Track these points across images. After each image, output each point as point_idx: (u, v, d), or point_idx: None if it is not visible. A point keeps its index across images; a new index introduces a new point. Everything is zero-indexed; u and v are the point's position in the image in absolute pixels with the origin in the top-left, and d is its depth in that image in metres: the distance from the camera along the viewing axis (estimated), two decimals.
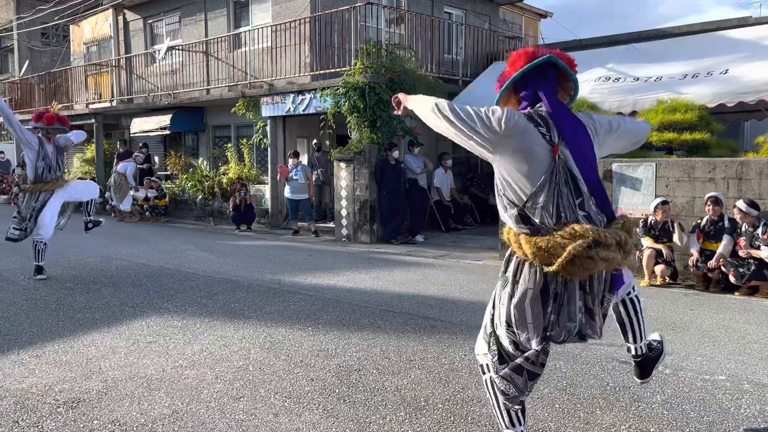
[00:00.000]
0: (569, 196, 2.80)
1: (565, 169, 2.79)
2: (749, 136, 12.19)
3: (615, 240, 2.75)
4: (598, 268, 2.76)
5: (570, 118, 2.88)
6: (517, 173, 2.86)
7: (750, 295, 6.94)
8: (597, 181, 2.85)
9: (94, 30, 20.07)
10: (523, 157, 2.83)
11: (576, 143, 2.84)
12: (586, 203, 2.82)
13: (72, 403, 3.83)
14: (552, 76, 2.95)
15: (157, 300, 6.61)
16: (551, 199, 2.79)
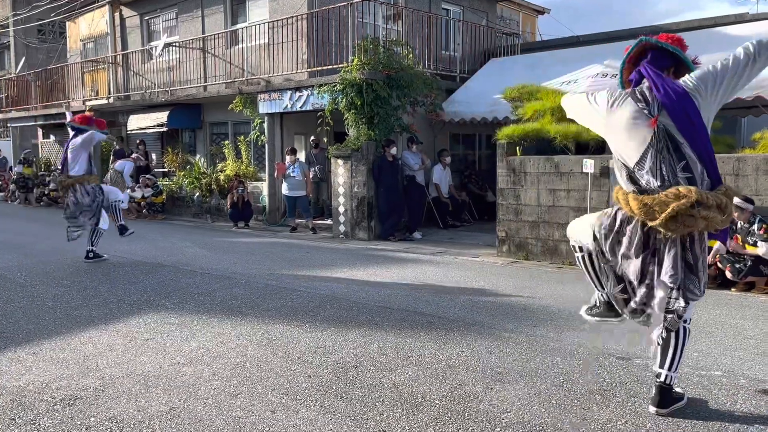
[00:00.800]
0: (671, 161, 3.19)
1: (666, 137, 3.19)
2: (746, 132, 12.21)
3: (716, 202, 3.08)
4: (698, 227, 3.11)
5: (672, 89, 3.18)
6: (623, 143, 3.32)
7: (746, 291, 6.95)
8: (703, 146, 3.17)
9: (90, 27, 20.01)
10: (626, 129, 3.29)
11: (678, 112, 3.15)
12: (691, 167, 3.18)
13: (69, 400, 3.83)
14: (654, 55, 3.34)
15: (155, 297, 6.61)
16: (655, 164, 3.21)
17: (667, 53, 3.34)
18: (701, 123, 3.19)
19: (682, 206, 3.05)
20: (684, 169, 3.18)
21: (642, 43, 3.39)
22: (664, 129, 3.19)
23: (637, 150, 3.27)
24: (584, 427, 3.43)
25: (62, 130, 21.48)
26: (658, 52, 3.35)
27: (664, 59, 3.34)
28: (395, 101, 11.38)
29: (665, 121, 3.19)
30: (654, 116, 3.21)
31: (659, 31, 12.46)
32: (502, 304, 6.35)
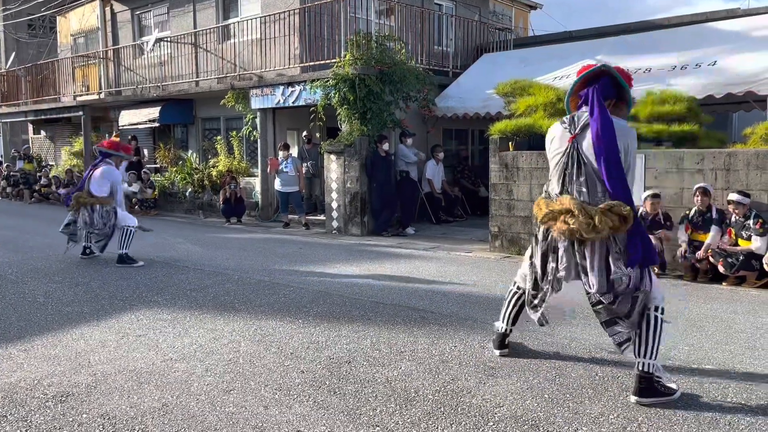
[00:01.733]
0: (572, 174, 3.68)
1: (577, 154, 3.66)
2: (737, 127, 12.28)
3: (586, 213, 3.54)
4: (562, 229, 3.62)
5: (602, 117, 3.59)
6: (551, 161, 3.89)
7: (737, 285, 6.99)
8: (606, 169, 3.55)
9: (81, 21, 19.86)
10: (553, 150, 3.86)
11: (596, 137, 3.57)
12: (588, 183, 3.65)
13: (61, 397, 3.82)
14: (605, 82, 3.73)
15: (147, 293, 6.59)
16: (561, 174, 3.75)
17: (615, 84, 3.75)
18: (614, 152, 3.56)
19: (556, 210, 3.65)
20: (582, 184, 3.66)
21: (600, 69, 3.77)
22: (576, 146, 3.68)
23: (554, 156, 3.84)
24: (576, 421, 3.45)
25: (53, 126, 21.39)
26: (609, 80, 3.74)
27: (611, 89, 3.75)
28: (388, 96, 11.36)
29: (580, 141, 3.67)
30: (573, 134, 3.71)
31: (650, 26, 12.52)
32: (494, 299, 6.35)
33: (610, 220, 3.52)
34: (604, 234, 3.53)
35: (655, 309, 3.72)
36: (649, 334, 3.69)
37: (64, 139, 20.97)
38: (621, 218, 3.53)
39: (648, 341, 3.68)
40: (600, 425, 3.39)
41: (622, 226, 3.54)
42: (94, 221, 8.27)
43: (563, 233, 3.64)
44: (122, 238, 8.27)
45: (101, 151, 8.67)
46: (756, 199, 7.15)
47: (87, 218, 8.28)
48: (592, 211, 3.55)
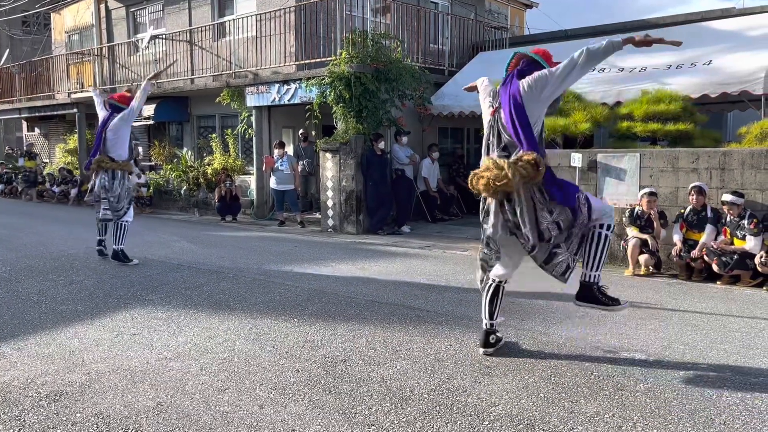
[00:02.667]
0: (494, 142, 4.21)
1: (497, 124, 4.20)
2: (732, 126, 12.31)
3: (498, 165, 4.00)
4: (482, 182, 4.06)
5: (511, 91, 4.12)
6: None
7: (732, 284, 7.01)
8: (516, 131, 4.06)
9: (75, 18, 19.78)
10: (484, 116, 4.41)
11: (506, 107, 4.11)
12: (509, 148, 4.12)
13: (54, 396, 3.80)
14: (526, 63, 4.28)
15: (141, 291, 6.57)
16: (487, 144, 4.27)
17: (535, 62, 4.24)
18: (523, 115, 4.05)
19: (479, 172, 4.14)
20: (503, 149, 4.13)
21: (518, 54, 4.33)
22: (497, 118, 4.20)
23: (484, 140, 4.32)
24: (572, 420, 3.45)
25: (47, 123, 21.29)
26: (528, 60, 4.27)
27: (532, 67, 4.22)
28: (384, 95, 11.35)
29: (499, 112, 4.20)
30: (493, 107, 4.26)
31: (645, 25, 12.53)
32: None
33: (522, 168, 3.95)
34: (517, 180, 3.94)
35: (600, 227, 4.16)
36: (593, 248, 4.18)
37: (59, 137, 20.89)
38: (532, 165, 3.95)
39: (591, 255, 4.19)
40: (595, 424, 3.39)
41: (535, 173, 3.97)
42: (113, 187, 8.04)
43: (484, 188, 4.06)
44: (117, 233, 8.14)
45: (111, 104, 8.28)
46: (751, 199, 7.17)
47: (106, 183, 8.03)
48: (503, 162, 4.00)
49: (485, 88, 4.55)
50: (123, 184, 8.17)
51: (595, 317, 5.34)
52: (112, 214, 8.15)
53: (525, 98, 4.08)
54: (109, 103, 8.34)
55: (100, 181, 8.10)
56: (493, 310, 4.51)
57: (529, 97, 4.08)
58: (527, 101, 4.08)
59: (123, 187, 8.16)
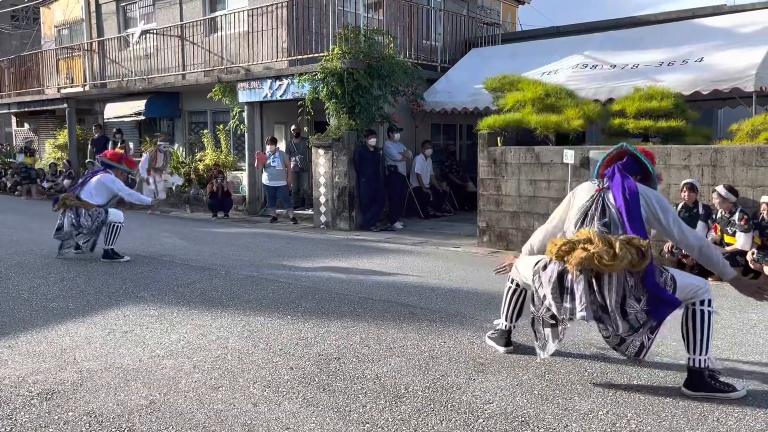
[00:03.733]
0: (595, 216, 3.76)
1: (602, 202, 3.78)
2: (723, 123, 12.37)
3: (606, 241, 3.54)
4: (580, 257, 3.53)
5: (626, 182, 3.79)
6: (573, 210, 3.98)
7: (722, 280, 7.03)
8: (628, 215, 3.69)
9: (65, 12, 19.60)
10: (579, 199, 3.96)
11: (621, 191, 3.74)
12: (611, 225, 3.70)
13: (46, 394, 3.76)
14: (629, 161, 3.96)
15: (133, 289, 6.53)
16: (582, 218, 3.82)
17: (638, 162, 3.96)
18: (637, 207, 3.71)
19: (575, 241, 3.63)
20: (604, 225, 3.72)
21: (621, 149, 4.02)
22: (603, 195, 3.81)
23: (577, 207, 3.92)
24: (566, 417, 3.45)
25: (36, 119, 21.11)
26: (632, 158, 3.96)
27: (635, 166, 3.95)
28: (376, 91, 11.33)
29: (607, 192, 3.81)
30: (599, 186, 3.85)
31: (638, 22, 12.56)
32: (483, 294, 6.37)
33: (629, 253, 3.49)
34: (624, 264, 3.48)
35: (701, 303, 3.72)
36: (694, 328, 3.70)
37: (48, 132, 20.72)
38: (639, 252, 3.51)
39: (693, 336, 3.71)
40: (589, 421, 3.39)
41: (641, 261, 3.52)
42: (81, 223, 7.99)
43: (582, 261, 3.53)
44: (109, 234, 8.10)
45: (103, 162, 8.44)
46: (742, 195, 7.21)
47: (73, 220, 7.98)
48: (612, 239, 3.55)
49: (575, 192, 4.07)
50: (90, 218, 8.03)
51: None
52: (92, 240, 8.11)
53: (640, 197, 3.75)
54: (101, 161, 8.51)
55: (68, 220, 8.04)
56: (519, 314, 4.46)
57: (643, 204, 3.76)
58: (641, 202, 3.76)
59: (92, 219, 8.04)
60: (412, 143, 12.78)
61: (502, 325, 4.55)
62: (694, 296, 3.71)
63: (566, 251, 3.62)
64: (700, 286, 3.75)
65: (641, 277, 3.59)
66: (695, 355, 3.71)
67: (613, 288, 3.57)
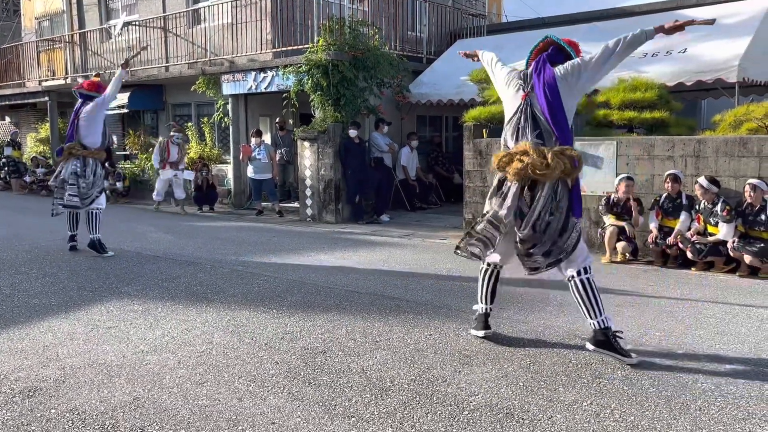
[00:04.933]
0: (527, 127, 4.05)
1: (529, 108, 4.06)
2: (706, 114, 12.45)
3: (540, 152, 3.90)
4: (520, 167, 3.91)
5: (546, 76, 4.04)
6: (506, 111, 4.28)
7: (706, 270, 7.11)
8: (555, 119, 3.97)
9: (46, 4, 19.31)
10: (509, 99, 4.24)
11: (542, 92, 4.01)
12: (544, 135, 4.00)
13: (28, 391, 3.72)
14: (554, 50, 4.25)
15: (117, 284, 6.47)
16: (515, 128, 4.12)
17: (563, 50, 4.23)
18: (559, 102, 3.99)
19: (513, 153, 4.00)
20: (537, 136, 4.01)
21: (547, 39, 4.30)
22: (529, 102, 4.05)
23: (509, 115, 4.20)
24: (551, 408, 3.47)
25: (17, 112, 20.83)
26: (556, 48, 4.25)
27: (559, 55, 4.21)
28: (362, 82, 11.28)
29: (533, 97, 4.06)
30: (525, 91, 4.10)
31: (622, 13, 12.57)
32: (469, 286, 6.36)
33: (563, 162, 3.87)
34: (556, 173, 3.88)
35: (578, 274, 4.11)
36: (580, 297, 4.12)
37: (30, 126, 20.45)
38: (572, 161, 3.90)
39: (583, 303, 4.12)
40: (574, 412, 3.41)
41: (573, 170, 3.94)
42: (86, 174, 7.84)
43: (518, 172, 3.93)
44: (91, 222, 7.96)
45: (81, 94, 8.10)
46: (725, 186, 7.26)
47: (78, 169, 7.81)
48: (546, 150, 3.90)
49: (505, 69, 4.40)
50: (96, 173, 7.99)
51: (573, 306, 5.36)
52: (79, 201, 7.92)
53: (560, 85, 4.02)
54: (79, 92, 8.17)
55: (71, 166, 7.90)
56: (492, 295, 4.60)
57: (564, 85, 4.03)
58: (562, 89, 4.02)
59: (96, 175, 7.99)
60: (398, 135, 12.75)
61: (479, 308, 4.66)
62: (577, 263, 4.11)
63: (506, 162, 4.03)
64: (585, 255, 4.17)
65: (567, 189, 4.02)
66: (592, 318, 4.11)
67: (543, 196, 3.99)
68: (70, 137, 8.07)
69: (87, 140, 7.95)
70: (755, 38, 9.53)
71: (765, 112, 7.62)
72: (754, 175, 7.14)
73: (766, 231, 6.72)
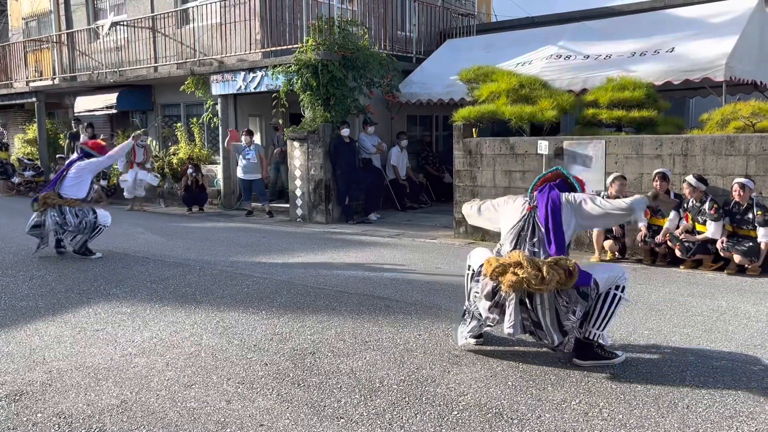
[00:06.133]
0: (527, 236, 4.05)
1: (532, 221, 4.08)
2: (694, 113, 12.51)
3: (534, 264, 3.79)
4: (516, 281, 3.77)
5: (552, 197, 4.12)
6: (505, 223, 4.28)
7: (694, 268, 7.15)
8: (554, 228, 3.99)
9: (33, 4, 19.15)
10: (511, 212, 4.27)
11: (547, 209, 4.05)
12: (542, 244, 3.97)
13: (15, 395, 3.69)
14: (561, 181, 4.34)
15: (105, 286, 6.43)
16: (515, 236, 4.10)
17: (568, 183, 4.33)
18: (559, 217, 4.03)
19: (507, 263, 3.87)
20: (534, 245, 3.99)
21: (557, 171, 4.40)
22: (533, 214, 4.09)
23: (510, 224, 4.19)
24: (540, 407, 3.47)
25: (5, 113, 20.65)
26: (563, 180, 4.34)
27: (565, 187, 4.29)
28: (351, 82, 11.26)
29: (535, 210, 4.10)
30: (531, 205, 4.15)
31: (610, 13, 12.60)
32: (459, 286, 6.34)
33: (557, 274, 3.76)
34: (551, 286, 3.76)
35: (616, 288, 4.02)
36: (604, 307, 4.01)
37: (17, 127, 20.28)
38: (567, 272, 3.79)
39: (601, 313, 4.01)
40: (562, 411, 3.42)
41: (568, 280, 3.80)
42: (66, 221, 7.74)
43: (512, 285, 3.79)
44: (92, 234, 7.96)
45: (83, 150, 8.28)
46: (712, 184, 7.30)
47: (57, 219, 7.73)
48: (540, 263, 3.81)
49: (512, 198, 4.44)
50: (76, 215, 7.80)
51: None
52: (81, 237, 7.88)
53: (563, 207, 4.09)
54: (81, 148, 8.36)
55: (51, 219, 7.75)
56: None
57: (567, 210, 4.09)
58: (564, 210, 4.08)
59: (78, 216, 7.81)
60: (388, 135, 12.74)
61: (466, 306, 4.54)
62: (614, 284, 4.02)
63: (499, 272, 3.88)
64: (618, 275, 4.06)
65: (571, 292, 3.86)
66: (593, 328, 4.02)
67: (545, 306, 3.86)
68: (53, 184, 8.08)
69: (70, 191, 7.87)
70: (742, 37, 9.58)
71: (752, 111, 7.67)
72: (741, 174, 7.19)
73: (754, 229, 6.77)
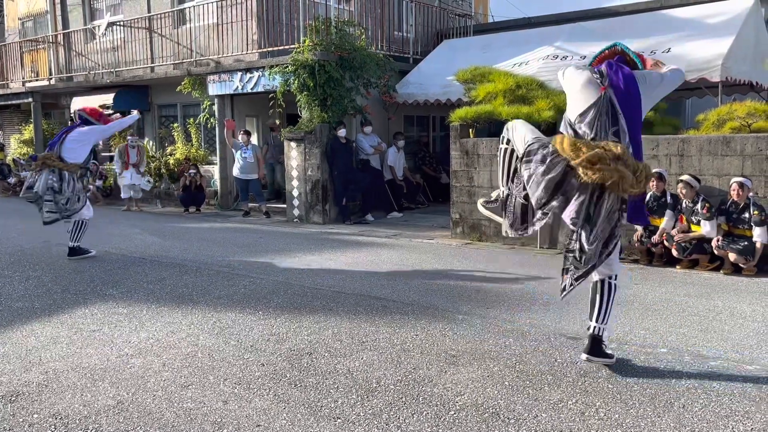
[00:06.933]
0: (606, 123, 3.74)
1: (609, 104, 3.74)
2: (690, 113, 12.55)
3: (634, 165, 3.62)
4: (611, 178, 3.56)
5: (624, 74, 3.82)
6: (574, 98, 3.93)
7: (690, 268, 7.17)
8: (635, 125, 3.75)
9: (29, 4, 19.11)
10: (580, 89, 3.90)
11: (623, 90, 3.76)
12: (620, 135, 3.72)
13: (11, 396, 3.68)
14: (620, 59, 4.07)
15: (101, 286, 6.42)
16: (593, 120, 3.76)
17: (632, 61, 4.06)
18: (638, 101, 3.81)
19: (606, 153, 3.58)
20: (614, 134, 3.73)
21: (616, 48, 4.12)
22: (609, 97, 3.76)
23: (584, 105, 3.83)
24: (536, 407, 3.48)
25: (1, 113, 20.60)
26: (622, 57, 4.07)
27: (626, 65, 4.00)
28: (348, 83, 11.26)
29: (611, 93, 3.77)
30: (604, 85, 3.79)
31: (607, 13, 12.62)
32: (456, 286, 6.39)
33: (644, 184, 3.71)
34: (640, 188, 3.68)
35: (611, 277, 4.02)
36: (603, 300, 3.98)
37: (13, 127, 20.24)
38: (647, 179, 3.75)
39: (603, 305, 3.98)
40: (559, 411, 3.43)
41: (644, 188, 3.77)
42: (63, 189, 7.61)
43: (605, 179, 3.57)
44: (74, 230, 7.84)
45: (81, 116, 8.05)
46: (708, 184, 7.32)
47: (54, 184, 7.57)
48: (640, 165, 3.66)
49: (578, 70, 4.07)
50: (74, 187, 7.72)
51: (558, 304, 5.39)
52: (59, 215, 7.71)
53: (640, 85, 3.83)
54: (79, 114, 8.16)
55: (46, 181, 7.61)
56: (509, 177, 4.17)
57: (643, 86, 3.85)
58: (642, 89, 3.84)
59: (75, 190, 7.73)
60: (385, 135, 12.74)
61: (501, 192, 4.27)
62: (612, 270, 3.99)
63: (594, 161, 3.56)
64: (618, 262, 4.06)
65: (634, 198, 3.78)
66: (597, 323, 3.98)
67: (606, 205, 3.71)
68: (51, 146, 7.93)
69: (68, 155, 7.73)
70: (738, 38, 9.61)
71: (747, 111, 7.69)
72: (737, 174, 7.20)
73: (750, 229, 6.78)
